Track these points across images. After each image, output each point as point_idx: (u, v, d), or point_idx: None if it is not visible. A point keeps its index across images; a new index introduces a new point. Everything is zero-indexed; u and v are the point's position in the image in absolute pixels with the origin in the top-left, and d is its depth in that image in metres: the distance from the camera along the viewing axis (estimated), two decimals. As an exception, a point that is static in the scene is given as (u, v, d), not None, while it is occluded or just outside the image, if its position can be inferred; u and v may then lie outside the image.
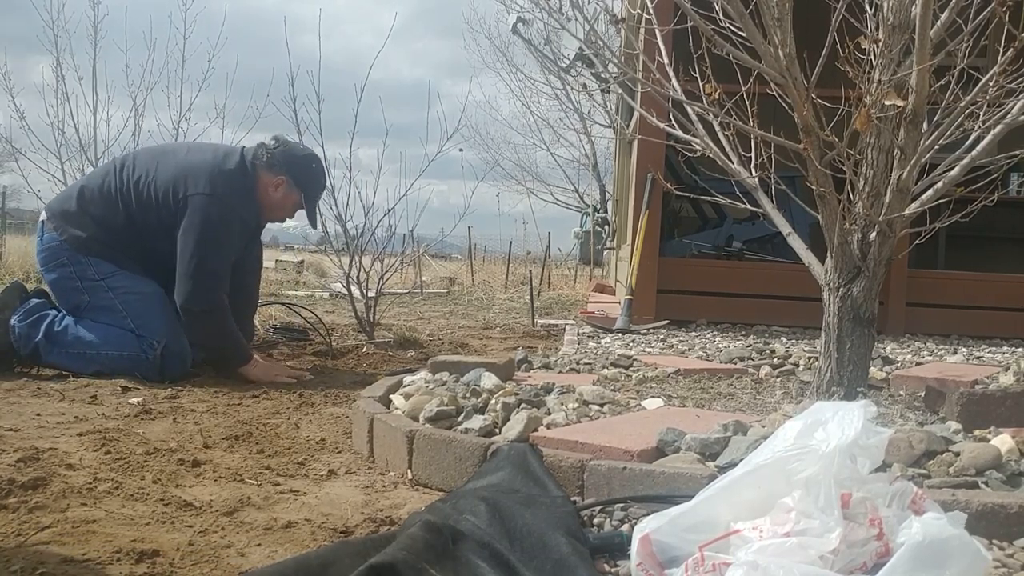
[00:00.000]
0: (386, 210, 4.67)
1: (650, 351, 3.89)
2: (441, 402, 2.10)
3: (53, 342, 3.15)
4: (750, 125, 2.40)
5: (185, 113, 5.86)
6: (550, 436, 1.84)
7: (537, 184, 24.10)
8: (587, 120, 21.74)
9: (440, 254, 16.68)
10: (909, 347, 4.44)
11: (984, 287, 5.28)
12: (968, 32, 2.22)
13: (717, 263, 5.65)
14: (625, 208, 8.03)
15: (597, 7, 8.17)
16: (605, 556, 1.37)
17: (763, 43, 2.10)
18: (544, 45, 16.05)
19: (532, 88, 22.11)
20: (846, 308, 2.31)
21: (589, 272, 13.99)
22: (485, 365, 2.56)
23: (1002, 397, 2.00)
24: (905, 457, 1.63)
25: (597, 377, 2.76)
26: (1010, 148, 2.46)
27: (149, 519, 1.55)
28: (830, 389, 2.30)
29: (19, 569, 1.30)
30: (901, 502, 1.15)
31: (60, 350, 3.15)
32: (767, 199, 2.63)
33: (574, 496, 1.63)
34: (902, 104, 2.10)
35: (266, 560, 1.37)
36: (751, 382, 2.75)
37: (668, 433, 1.76)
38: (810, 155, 2.16)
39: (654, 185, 5.05)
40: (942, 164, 2.33)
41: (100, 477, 1.81)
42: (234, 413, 2.58)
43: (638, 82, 2.97)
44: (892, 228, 2.26)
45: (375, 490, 1.80)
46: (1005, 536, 1.39)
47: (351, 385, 3.13)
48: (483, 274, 12.54)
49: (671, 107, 2.75)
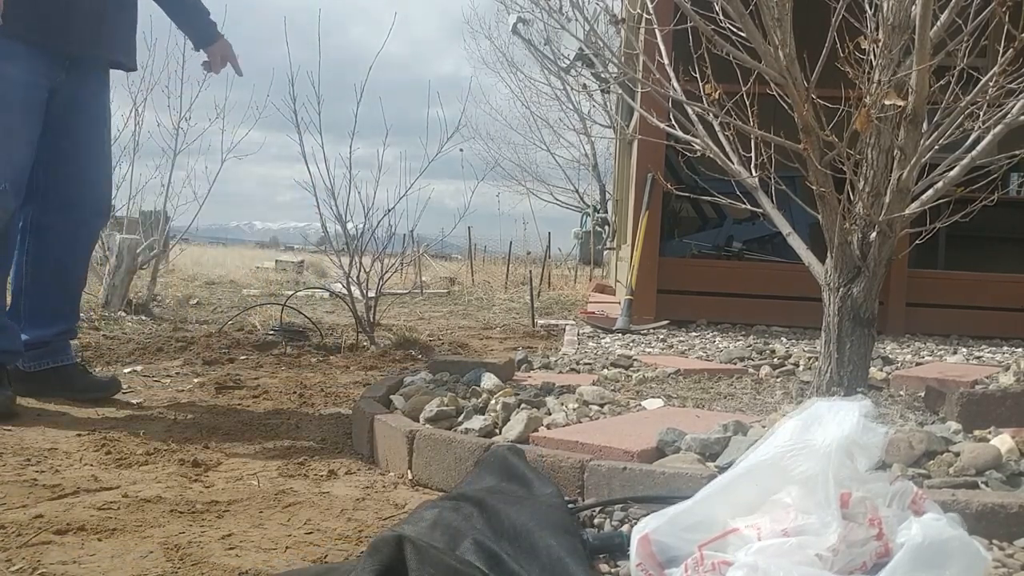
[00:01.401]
0: (386, 210, 4.67)
1: (650, 351, 3.89)
2: (441, 402, 2.10)
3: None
4: (750, 125, 2.41)
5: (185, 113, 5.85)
6: (550, 436, 1.85)
7: (537, 184, 24.11)
8: (587, 120, 21.76)
9: (440, 254, 16.68)
10: (909, 347, 4.44)
11: (984, 287, 5.28)
12: (968, 32, 2.22)
13: (717, 263, 5.65)
14: (625, 208, 8.03)
15: (597, 7, 8.17)
16: (605, 556, 1.37)
17: (763, 43, 2.10)
18: (544, 45, 16.05)
19: (532, 88, 22.13)
20: (846, 308, 2.31)
21: (589, 272, 13.98)
22: (485, 365, 2.56)
23: (1002, 397, 2.00)
24: (905, 457, 1.63)
25: (597, 377, 2.76)
26: (1010, 148, 2.46)
27: (149, 519, 1.55)
28: (830, 389, 2.30)
29: (20, 569, 1.30)
30: (901, 502, 1.15)
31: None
32: (767, 199, 2.63)
33: (574, 496, 1.63)
34: (902, 104, 2.10)
35: (262, 562, 1.37)
36: (751, 382, 2.75)
37: (668, 433, 1.76)
38: (810, 155, 2.16)
39: (654, 185, 5.05)
40: (942, 164, 2.33)
41: (100, 477, 1.81)
42: (234, 413, 2.58)
43: (638, 82, 2.97)
44: (892, 228, 2.27)
45: (375, 490, 1.81)
46: (1005, 536, 1.39)
47: (351, 385, 3.13)
48: (483, 274, 12.53)
49: (671, 107, 2.75)
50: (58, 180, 2.68)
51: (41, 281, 2.73)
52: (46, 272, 2.73)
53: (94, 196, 2.77)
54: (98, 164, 2.79)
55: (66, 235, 2.73)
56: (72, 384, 2.71)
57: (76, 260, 2.80)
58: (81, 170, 2.72)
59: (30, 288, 2.73)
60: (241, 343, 4.08)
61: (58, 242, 2.72)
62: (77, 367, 2.81)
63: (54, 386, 2.70)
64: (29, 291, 2.73)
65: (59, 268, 2.75)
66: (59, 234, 2.72)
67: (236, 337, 4.23)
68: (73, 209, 2.72)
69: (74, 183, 2.71)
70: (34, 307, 2.74)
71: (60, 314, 2.77)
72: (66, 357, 2.77)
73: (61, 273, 2.76)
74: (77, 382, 2.73)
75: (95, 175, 2.78)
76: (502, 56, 23.04)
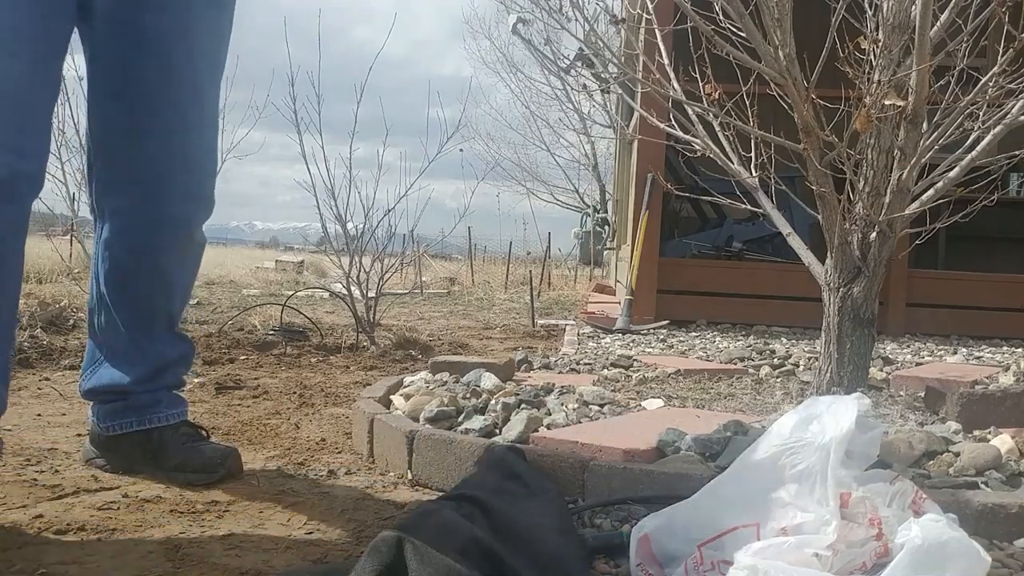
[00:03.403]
0: (386, 210, 4.67)
1: (650, 351, 3.90)
2: (441, 402, 2.10)
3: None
4: (750, 125, 2.41)
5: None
6: (550, 436, 1.85)
7: (537, 184, 24.13)
8: (587, 120, 21.77)
9: (440, 254, 16.68)
10: (909, 347, 4.44)
11: (984, 287, 5.28)
12: (968, 32, 2.22)
13: (717, 263, 5.65)
14: (625, 208, 8.03)
15: (597, 7, 8.17)
16: (605, 556, 1.37)
17: (763, 43, 2.10)
18: (544, 45, 16.07)
19: (532, 88, 22.15)
20: (846, 308, 2.31)
21: (589, 272, 13.99)
22: (485, 365, 2.56)
23: (1002, 397, 2.00)
24: (905, 457, 1.64)
25: (597, 377, 2.76)
26: (1010, 148, 2.46)
27: (149, 519, 1.55)
28: (830, 389, 2.30)
29: (20, 569, 1.30)
30: (901, 502, 1.15)
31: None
32: (767, 199, 2.64)
33: (574, 496, 1.63)
34: (902, 104, 2.10)
35: (262, 562, 1.37)
36: (751, 382, 2.75)
37: (668, 433, 1.76)
38: (810, 155, 2.16)
39: (654, 185, 5.05)
40: (942, 164, 2.33)
41: (100, 477, 1.81)
42: (234, 413, 2.58)
43: (638, 82, 2.97)
44: (892, 228, 2.27)
45: (375, 490, 1.81)
46: (1005, 536, 1.39)
47: (351, 385, 3.13)
48: (483, 274, 12.54)
49: (671, 107, 2.75)
50: (121, 145, 1.80)
51: (111, 297, 1.86)
52: (113, 283, 1.86)
53: (179, 171, 1.82)
54: (186, 124, 1.82)
55: (139, 228, 1.83)
56: (165, 458, 1.83)
57: (154, 267, 1.85)
58: (155, 131, 1.79)
59: (100, 304, 1.88)
60: (241, 343, 4.08)
61: (127, 237, 1.83)
62: (178, 432, 1.88)
63: (139, 459, 1.85)
64: (98, 308, 1.89)
65: (128, 277, 1.85)
66: (129, 226, 1.83)
67: (236, 337, 4.23)
68: (144, 189, 1.80)
69: (146, 150, 1.79)
70: (108, 335, 1.88)
71: (139, 347, 1.87)
72: (158, 415, 1.87)
73: (132, 284, 1.85)
74: (172, 456, 1.83)
75: (179, 140, 1.81)
76: (502, 56, 23.08)
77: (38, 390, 2.84)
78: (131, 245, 1.84)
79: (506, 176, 23.12)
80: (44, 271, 7.73)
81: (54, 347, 3.56)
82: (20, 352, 3.36)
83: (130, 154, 1.79)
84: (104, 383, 1.87)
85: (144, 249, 1.84)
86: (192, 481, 1.78)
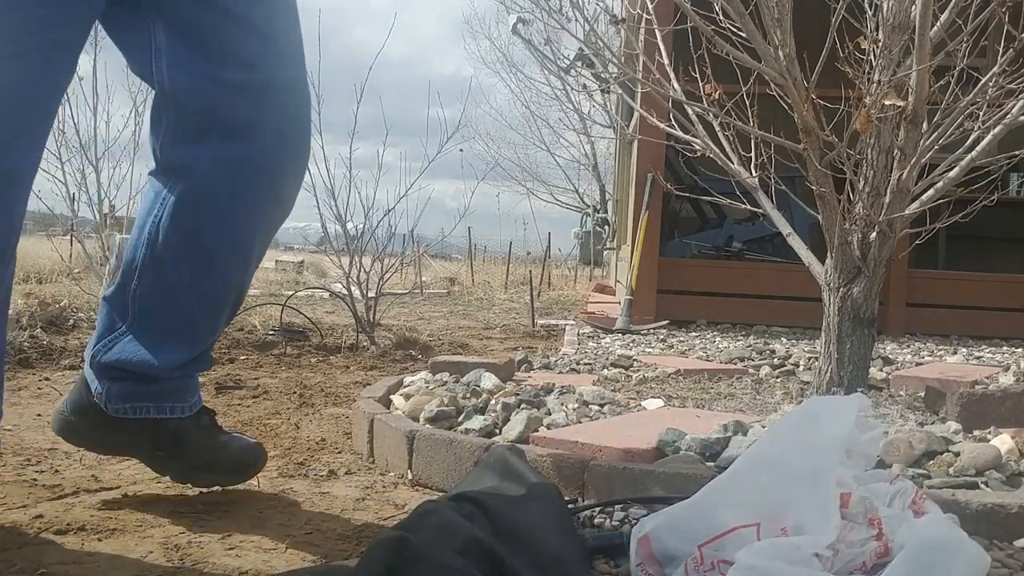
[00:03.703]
0: (386, 210, 4.68)
1: (650, 351, 3.90)
2: (441, 402, 2.10)
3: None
4: (750, 125, 2.41)
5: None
6: (550, 436, 1.85)
7: (537, 184, 24.14)
8: (587, 120, 21.79)
9: (440, 254, 16.69)
10: (909, 347, 4.44)
11: (984, 287, 5.28)
12: (968, 32, 2.22)
13: (717, 263, 5.65)
14: (625, 208, 8.03)
15: (597, 7, 8.17)
16: (605, 556, 1.37)
17: (763, 43, 2.11)
18: (544, 45, 16.08)
19: (532, 88, 22.17)
20: (846, 308, 2.31)
21: (589, 272, 14.00)
22: (485, 365, 2.56)
23: (1002, 397, 2.00)
24: (905, 457, 1.64)
25: (597, 377, 2.76)
26: (1010, 148, 2.46)
27: (149, 519, 1.55)
28: (830, 389, 2.30)
29: (20, 569, 1.30)
30: (901, 502, 1.15)
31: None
32: (767, 199, 2.64)
33: (574, 496, 1.63)
34: (902, 104, 2.10)
35: (262, 562, 1.37)
36: (751, 382, 2.75)
37: (668, 433, 1.77)
38: (810, 155, 2.16)
39: (654, 185, 5.05)
40: (942, 164, 2.33)
41: (100, 477, 1.81)
42: (234, 413, 2.58)
43: (638, 82, 2.97)
44: (892, 228, 2.27)
45: (375, 490, 1.81)
46: (1005, 536, 1.39)
47: (351, 385, 3.13)
48: (483, 274, 12.54)
49: (671, 107, 2.76)
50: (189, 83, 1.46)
51: (163, 259, 1.51)
52: (171, 246, 1.51)
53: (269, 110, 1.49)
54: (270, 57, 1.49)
55: (211, 183, 1.49)
56: (182, 450, 1.61)
57: (229, 231, 1.52)
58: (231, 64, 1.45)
59: (147, 267, 1.53)
60: (241, 343, 4.08)
61: (196, 194, 1.49)
62: (199, 424, 1.64)
63: (142, 446, 1.63)
64: (145, 272, 1.53)
65: (192, 242, 1.51)
66: (197, 182, 1.49)
67: (236, 337, 4.23)
68: (219, 135, 1.47)
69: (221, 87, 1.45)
70: (145, 305, 1.55)
71: (188, 326, 1.57)
72: (180, 405, 1.61)
73: (196, 252, 1.52)
74: (195, 451, 1.61)
75: (264, 77, 1.48)
76: (502, 56, 23.09)
77: (38, 390, 2.84)
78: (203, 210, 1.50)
79: (506, 176, 23.16)
80: (44, 271, 7.72)
81: (54, 347, 3.56)
82: (20, 352, 3.36)
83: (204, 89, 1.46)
84: (127, 359, 1.55)
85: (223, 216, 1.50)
86: (218, 483, 1.66)
